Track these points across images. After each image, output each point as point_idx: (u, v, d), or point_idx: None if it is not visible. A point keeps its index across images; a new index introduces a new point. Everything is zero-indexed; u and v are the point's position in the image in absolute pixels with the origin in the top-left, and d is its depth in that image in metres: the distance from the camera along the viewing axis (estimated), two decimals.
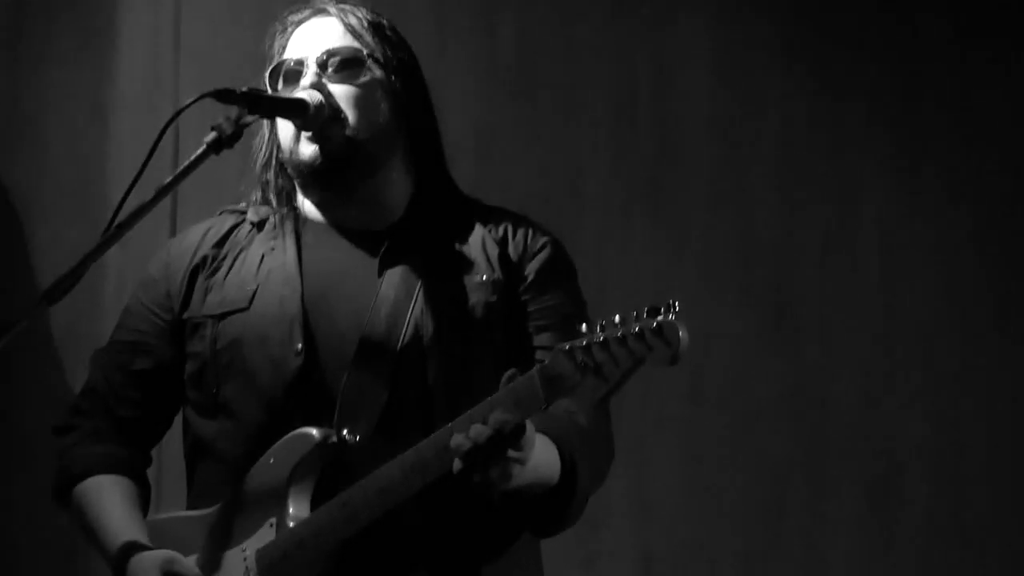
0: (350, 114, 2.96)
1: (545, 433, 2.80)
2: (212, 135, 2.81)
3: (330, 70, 3.00)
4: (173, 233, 4.21)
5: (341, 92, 2.98)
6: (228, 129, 2.82)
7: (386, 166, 3.01)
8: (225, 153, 2.83)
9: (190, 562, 2.91)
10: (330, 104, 2.96)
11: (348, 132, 2.96)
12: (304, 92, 2.96)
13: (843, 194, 4.75)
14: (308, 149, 2.96)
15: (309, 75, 2.99)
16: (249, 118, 2.85)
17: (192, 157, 2.81)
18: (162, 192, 2.79)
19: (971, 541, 4.76)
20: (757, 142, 4.74)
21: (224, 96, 2.84)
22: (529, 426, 2.69)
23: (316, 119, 2.95)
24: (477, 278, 2.97)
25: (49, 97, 4.37)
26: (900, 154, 4.75)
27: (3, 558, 4.29)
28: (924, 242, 4.76)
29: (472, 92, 4.55)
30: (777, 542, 4.73)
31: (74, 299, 2.80)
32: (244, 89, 2.88)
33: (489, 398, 2.68)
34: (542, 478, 2.79)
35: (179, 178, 2.80)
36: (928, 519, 4.75)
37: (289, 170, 3.03)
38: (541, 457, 2.76)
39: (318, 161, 2.95)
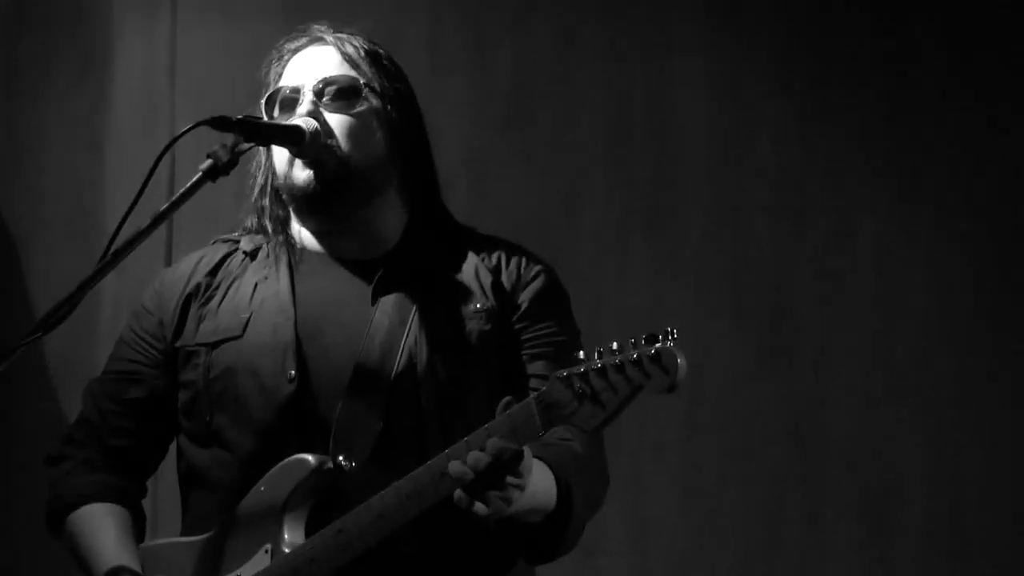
0: (345, 142, 2.96)
1: (541, 459, 2.79)
2: (208, 163, 2.82)
3: (326, 98, 3.00)
4: (169, 261, 4.23)
5: (336, 121, 2.98)
6: (224, 156, 2.83)
7: (380, 195, 3.01)
8: (221, 181, 2.85)
9: None
10: (325, 132, 2.96)
11: (342, 159, 2.95)
12: (300, 120, 2.97)
13: (838, 217, 4.76)
14: (303, 174, 2.96)
15: (305, 103, 2.99)
16: (245, 145, 2.87)
17: (188, 184, 2.82)
18: (158, 219, 2.79)
19: (968, 558, 4.76)
20: (752, 166, 4.75)
21: (220, 124, 2.85)
22: (527, 452, 2.69)
23: (312, 146, 2.96)
24: (471, 307, 2.96)
25: (46, 127, 4.39)
26: (894, 175, 4.77)
27: (2, 559, 4.28)
28: (919, 262, 4.77)
29: (467, 119, 4.55)
30: (774, 566, 4.74)
31: (69, 326, 2.81)
32: (240, 117, 2.89)
33: (486, 425, 2.68)
34: (539, 504, 2.78)
35: (175, 205, 2.81)
36: (925, 540, 4.75)
37: (284, 196, 3.03)
38: (538, 483, 2.75)
39: (312, 186, 2.95)
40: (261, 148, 3.05)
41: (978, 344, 4.78)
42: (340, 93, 3.00)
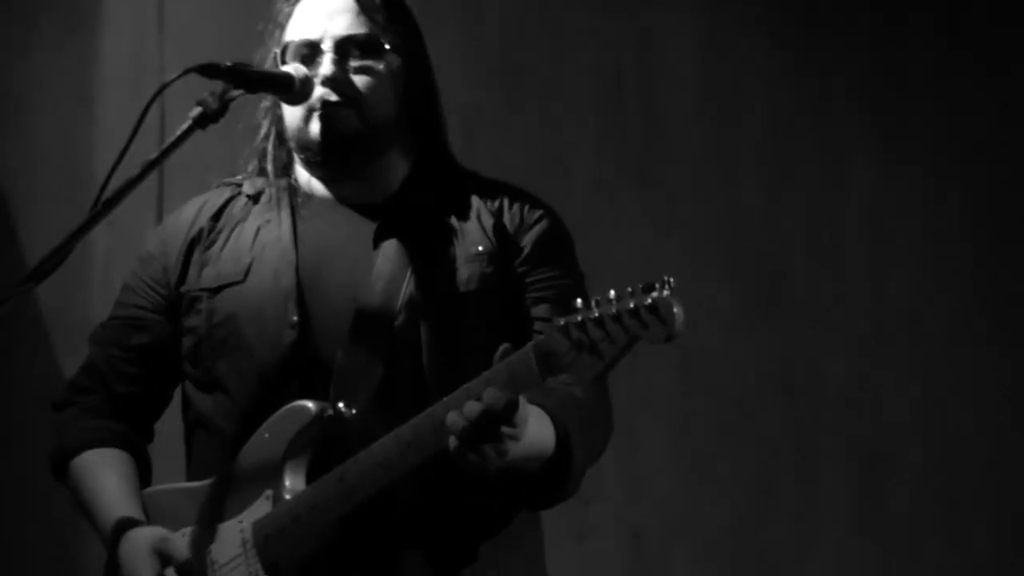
0: (366, 102, 2.96)
1: (540, 406, 2.80)
2: (197, 110, 2.81)
3: (349, 57, 2.98)
4: (160, 213, 4.22)
5: (360, 82, 2.97)
6: (213, 104, 2.82)
7: (394, 148, 3.01)
8: (211, 132, 2.85)
9: (182, 541, 2.91)
10: (345, 93, 2.95)
11: (362, 119, 2.96)
12: (290, 67, 2.97)
13: (830, 175, 4.77)
14: (317, 128, 2.96)
15: (327, 62, 2.97)
16: (234, 93, 2.85)
17: (177, 132, 2.80)
18: (148, 168, 2.78)
19: (962, 514, 4.77)
20: (743, 123, 4.75)
21: (209, 71, 2.84)
22: (522, 401, 2.69)
23: (302, 94, 2.95)
24: (472, 250, 2.96)
25: (35, 81, 4.39)
26: (887, 135, 4.78)
27: None
28: (912, 221, 4.78)
29: (458, 73, 4.55)
30: (767, 518, 4.74)
31: (61, 278, 2.82)
32: (229, 64, 2.87)
33: (484, 373, 2.68)
34: (537, 452, 2.78)
35: (165, 153, 2.80)
36: (919, 492, 4.76)
37: (292, 145, 3.03)
38: (535, 431, 2.76)
39: (328, 143, 2.95)
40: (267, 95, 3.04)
41: (971, 296, 4.80)
42: (362, 52, 2.99)
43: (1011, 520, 4.78)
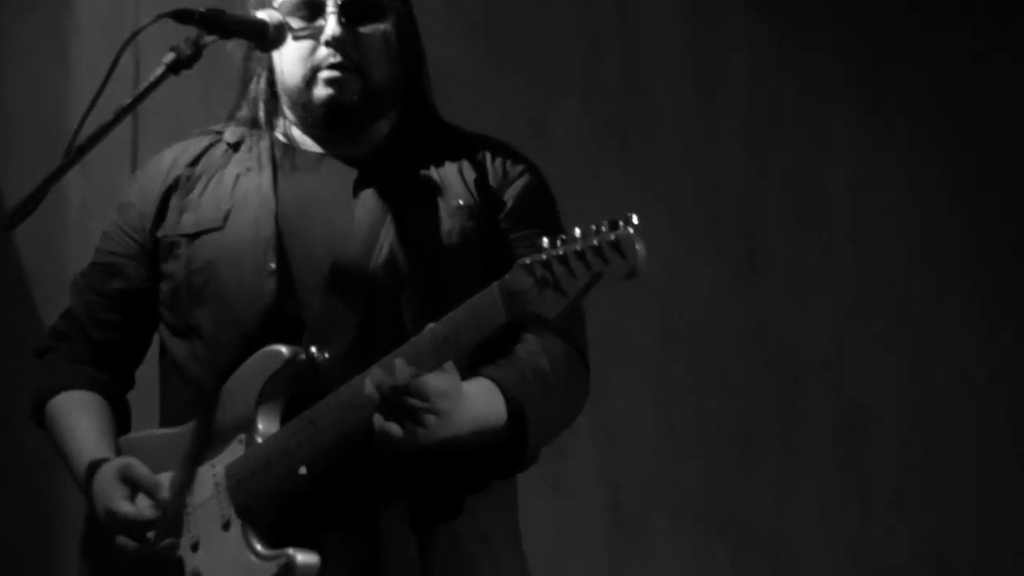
0: (370, 68, 2.98)
1: (491, 379, 2.83)
2: (170, 56, 2.83)
3: (353, 18, 3.00)
4: (134, 161, 4.23)
5: (365, 44, 3.00)
6: (186, 50, 2.84)
7: (389, 110, 3.04)
8: (185, 78, 2.87)
9: (147, 470, 2.92)
10: (350, 56, 2.97)
11: (366, 85, 2.98)
12: (264, 13, 2.97)
13: (812, 138, 4.79)
14: (323, 93, 2.98)
15: (332, 23, 2.98)
16: (207, 39, 2.87)
17: (151, 79, 2.82)
18: (122, 113, 2.79)
19: (943, 475, 4.80)
20: (726, 85, 4.76)
21: (182, 17, 2.86)
22: (452, 377, 2.72)
23: (275, 40, 2.96)
24: (453, 203, 2.97)
25: (8, 31, 4.38)
26: (869, 98, 4.81)
27: None
28: (894, 185, 4.80)
29: (438, 32, 4.43)
30: (746, 478, 4.76)
31: (36, 227, 2.88)
32: (202, 10, 2.88)
33: (449, 315, 2.70)
34: (483, 425, 2.81)
35: (138, 99, 2.81)
36: (901, 458, 4.79)
37: (289, 103, 3.04)
38: (481, 405, 2.79)
39: (332, 110, 2.98)
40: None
41: (955, 263, 4.84)
42: (365, 14, 3.01)
43: (992, 488, 4.81)
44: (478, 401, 2.78)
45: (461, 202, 2.95)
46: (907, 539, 4.77)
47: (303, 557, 2.82)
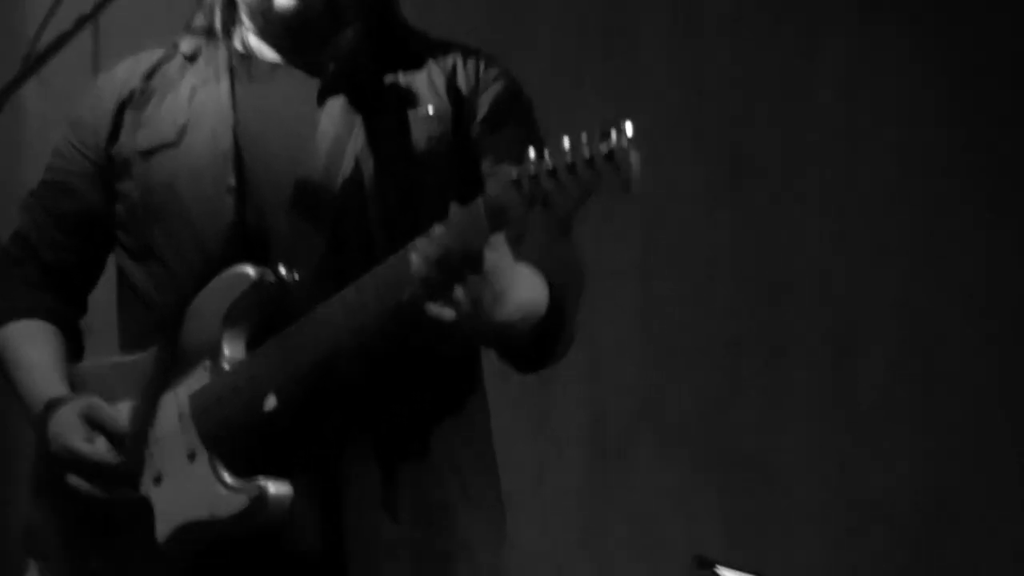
0: None
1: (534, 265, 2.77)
2: None
3: None
4: (95, 72, 4.02)
5: None
6: None
7: (355, 18, 2.98)
8: None
9: (112, 409, 2.89)
10: None
11: None
12: None
13: (803, 40, 4.75)
14: (285, 5, 2.92)
15: None
16: None
17: None
18: (81, 21, 2.73)
19: (934, 402, 4.78)
20: None
21: None
22: (505, 252, 2.63)
23: None
24: (423, 111, 2.91)
25: None
26: (863, 6, 4.76)
27: None
28: (889, 89, 4.75)
29: None
30: (733, 401, 4.76)
31: None
32: None
33: (430, 230, 2.65)
34: (530, 312, 2.74)
35: (100, 7, 2.76)
36: (890, 381, 4.77)
37: (248, 12, 2.99)
38: (529, 287, 2.72)
39: (293, 16, 2.92)
40: None
41: (951, 176, 4.77)
42: None
43: (984, 408, 4.77)
44: (527, 283, 2.70)
45: (431, 110, 2.90)
46: (899, 462, 4.76)
47: (276, 488, 2.78)
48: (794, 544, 4.69)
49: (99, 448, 2.86)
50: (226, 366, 2.84)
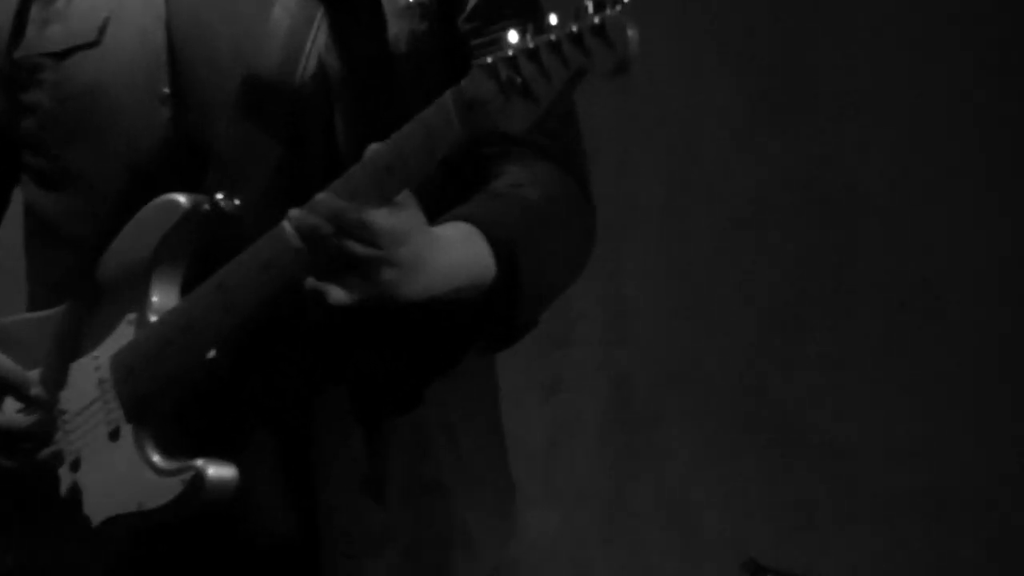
0: None
1: (467, 220, 2.55)
2: None
3: None
4: None
5: None
6: None
7: None
8: None
9: (15, 366, 2.67)
10: None
11: None
12: None
13: None
14: None
15: None
16: None
17: None
18: None
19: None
20: None
21: None
22: (411, 213, 2.44)
23: None
24: (400, 1, 2.67)
25: None
26: None
27: None
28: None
29: None
30: (782, 364, 4.63)
31: None
32: None
33: (392, 136, 2.44)
34: (466, 280, 2.53)
35: None
36: (978, 335, 4.59)
37: None
38: (455, 253, 2.51)
39: None
40: None
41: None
42: None
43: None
44: (454, 248, 2.51)
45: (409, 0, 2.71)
46: (981, 443, 4.59)
47: (216, 470, 2.56)
48: (856, 539, 4.57)
49: (8, 412, 2.66)
50: (154, 318, 2.60)
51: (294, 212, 2.45)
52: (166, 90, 2.62)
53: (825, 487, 4.59)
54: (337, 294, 2.42)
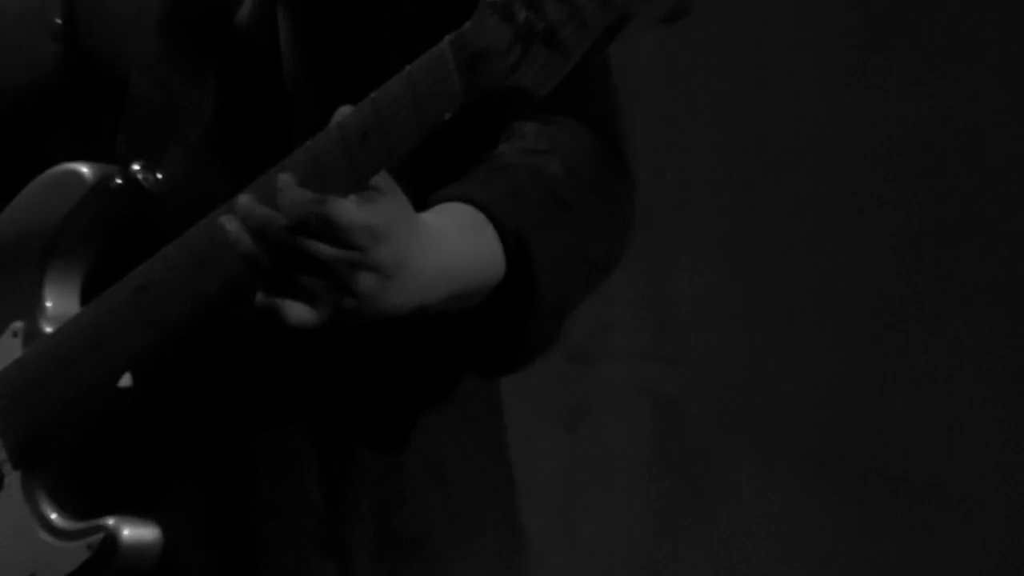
0: None
1: (470, 200, 2.51)
2: None
3: None
4: None
5: None
6: None
7: None
8: None
9: None
10: None
11: None
12: None
13: None
14: None
15: None
16: None
17: None
18: None
19: None
20: None
21: None
22: (393, 201, 2.38)
23: None
24: None
25: None
26: None
27: None
28: None
29: None
30: (873, 385, 4.55)
31: None
32: None
33: (370, 95, 2.37)
34: (465, 286, 2.50)
35: None
36: None
37: None
38: (451, 247, 2.47)
39: None
40: None
41: None
42: None
43: None
44: (450, 242, 2.46)
45: None
46: None
47: (132, 531, 2.52)
48: None
49: None
50: (49, 329, 2.58)
51: (242, 200, 2.37)
52: (58, 20, 2.64)
53: (925, 541, 4.58)
54: (298, 312, 2.36)
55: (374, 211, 2.36)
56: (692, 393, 4.64)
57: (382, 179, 2.37)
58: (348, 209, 2.35)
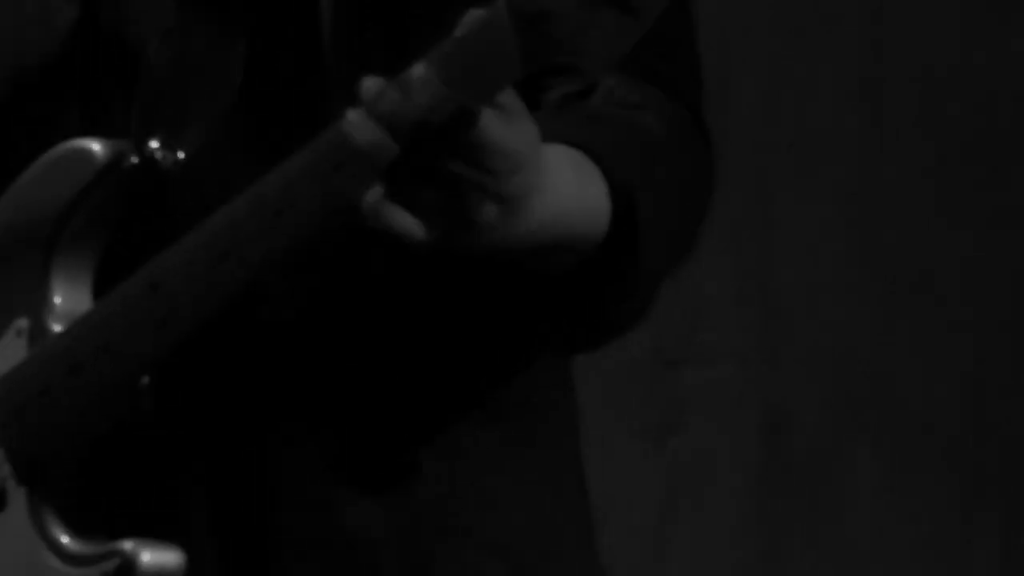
0: None
1: (576, 144, 2.57)
2: None
3: None
4: None
5: None
6: None
7: None
8: None
9: None
10: None
11: None
12: None
13: None
14: None
15: None
16: None
17: None
18: None
19: None
20: None
21: None
22: (528, 125, 2.43)
23: None
24: None
25: None
26: None
27: None
28: None
29: None
30: (1011, 396, 4.68)
31: None
32: None
33: (418, 61, 2.41)
34: (575, 230, 2.54)
35: None
36: None
37: None
38: (571, 192, 2.53)
39: None
40: None
41: None
42: None
43: None
44: (569, 183, 2.52)
45: None
46: None
47: (152, 557, 2.56)
48: None
49: None
50: (56, 327, 2.62)
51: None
52: None
53: None
54: (409, 224, 2.42)
55: (514, 135, 2.43)
56: (804, 400, 4.72)
57: (514, 99, 2.43)
58: (496, 125, 2.41)
